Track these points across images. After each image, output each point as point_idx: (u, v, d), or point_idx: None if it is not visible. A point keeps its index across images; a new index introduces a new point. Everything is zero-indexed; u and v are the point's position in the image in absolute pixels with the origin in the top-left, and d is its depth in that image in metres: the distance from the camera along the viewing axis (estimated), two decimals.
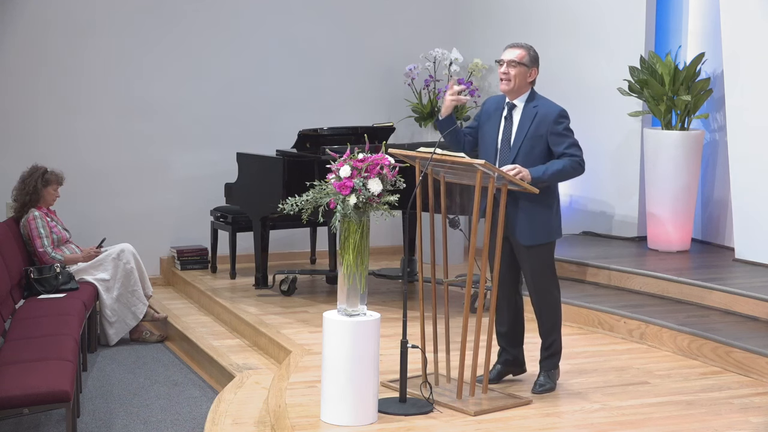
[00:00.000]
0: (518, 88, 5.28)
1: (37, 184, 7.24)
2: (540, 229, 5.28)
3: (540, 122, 5.23)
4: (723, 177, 7.93)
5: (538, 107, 5.26)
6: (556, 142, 5.21)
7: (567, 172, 5.20)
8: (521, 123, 5.27)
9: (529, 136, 5.23)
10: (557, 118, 5.22)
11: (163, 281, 8.85)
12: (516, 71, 5.25)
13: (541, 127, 5.22)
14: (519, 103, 5.31)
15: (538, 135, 5.23)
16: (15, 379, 4.96)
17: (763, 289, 6.55)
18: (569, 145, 5.21)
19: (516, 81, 5.26)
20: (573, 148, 5.21)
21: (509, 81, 5.27)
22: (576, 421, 5.04)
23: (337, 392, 4.90)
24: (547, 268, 5.38)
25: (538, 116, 5.23)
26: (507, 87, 5.29)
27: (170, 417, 5.89)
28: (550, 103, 5.30)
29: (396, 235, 9.18)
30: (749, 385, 5.65)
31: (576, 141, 5.25)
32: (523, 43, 5.33)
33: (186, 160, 8.89)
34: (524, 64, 5.25)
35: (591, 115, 8.29)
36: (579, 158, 5.22)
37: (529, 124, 5.24)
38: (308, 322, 6.95)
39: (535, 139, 5.23)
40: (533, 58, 5.28)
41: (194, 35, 8.83)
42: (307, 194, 4.96)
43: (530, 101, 5.30)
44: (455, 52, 9.06)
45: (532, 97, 5.31)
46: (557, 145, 5.21)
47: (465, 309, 5.14)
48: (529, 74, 5.27)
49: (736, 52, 7.41)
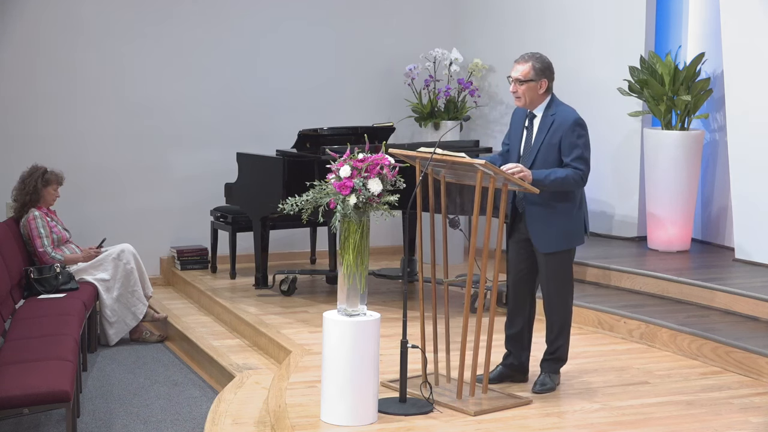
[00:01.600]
0: (531, 101, 5.29)
1: (37, 184, 7.24)
2: (557, 236, 5.27)
3: (556, 130, 5.23)
4: (723, 177, 7.93)
5: (555, 115, 5.26)
6: (566, 150, 5.21)
7: (568, 182, 5.17)
8: (539, 131, 5.28)
9: (546, 144, 5.24)
10: (572, 127, 5.21)
11: (163, 281, 8.85)
12: (524, 88, 5.26)
13: (556, 135, 5.22)
14: (538, 112, 5.32)
15: (552, 143, 5.23)
16: (15, 379, 4.96)
17: (763, 289, 6.56)
18: (576, 158, 5.19)
19: (526, 97, 5.27)
20: (578, 161, 5.19)
21: (519, 98, 5.30)
22: (576, 421, 5.04)
23: (337, 392, 4.90)
24: (564, 276, 5.36)
25: (555, 124, 5.24)
26: (520, 103, 5.33)
27: (170, 417, 5.89)
28: (567, 111, 5.27)
29: (396, 235, 9.18)
30: (749, 385, 5.65)
31: (585, 155, 5.21)
32: (529, 55, 5.30)
33: (186, 160, 8.89)
34: (530, 80, 5.24)
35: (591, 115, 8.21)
36: (582, 173, 5.19)
37: (546, 131, 5.25)
38: (308, 322, 6.95)
39: (550, 147, 5.23)
40: (540, 69, 5.25)
41: (194, 35, 8.83)
42: (307, 194, 4.96)
43: (548, 109, 5.30)
44: (455, 52, 9.06)
45: (551, 105, 5.31)
46: (566, 155, 5.20)
47: (465, 309, 5.14)
48: (539, 86, 5.26)
49: (736, 52, 7.41)
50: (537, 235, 5.27)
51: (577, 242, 5.36)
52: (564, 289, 5.37)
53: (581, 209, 5.35)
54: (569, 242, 5.32)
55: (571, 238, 5.32)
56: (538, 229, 5.26)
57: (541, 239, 5.27)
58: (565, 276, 5.37)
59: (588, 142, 5.25)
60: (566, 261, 5.36)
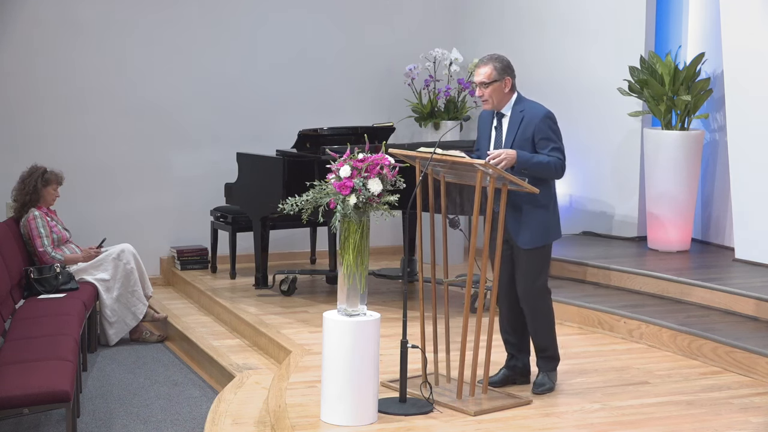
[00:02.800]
0: (498, 102, 5.30)
1: (37, 184, 7.24)
2: (538, 231, 5.26)
3: (526, 125, 5.24)
4: (723, 177, 7.93)
5: (524, 111, 5.27)
6: (540, 144, 5.22)
7: (550, 168, 5.18)
8: (509, 129, 5.29)
9: (518, 140, 5.24)
10: (542, 120, 5.22)
11: (163, 281, 8.85)
12: (489, 90, 5.26)
13: (528, 130, 5.23)
14: (506, 111, 5.32)
15: (525, 138, 5.23)
16: (15, 379, 4.96)
17: (763, 289, 6.56)
18: (552, 149, 5.21)
19: (493, 98, 5.28)
20: (556, 152, 5.21)
21: (487, 101, 5.30)
22: (576, 421, 5.04)
23: (337, 392, 4.90)
24: (542, 273, 5.34)
25: (525, 120, 5.25)
26: (488, 106, 5.33)
27: (170, 417, 5.89)
28: (536, 106, 5.29)
29: (396, 235, 9.18)
30: (749, 385, 5.65)
31: (560, 146, 5.25)
32: (488, 57, 5.30)
33: (186, 160, 8.89)
34: (494, 80, 5.25)
35: (591, 115, 8.29)
36: (562, 162, 5.22)
37: (516, 128, 5.26)
38: (308, 322, 6.95)
39: (523, 143, 5.23)
40: (501, 69, 5.25)
41: (194, 35, 8.83)
42: (307, 194, 4.96)
43: (517, 106, 5.30)
44: (455, 52, 9.06)
45: (519, 102, 5.32)
46: (542, 147, 5.21)
47: (465, 309, 5.14)
48: (503, 86, 5.27)
49: (736, 52, 7.41)
50: (517, 232, 5.24)
51: (556, 236, 5.35)
52: (542, 286, 5.34)
53: (556, 204, 5.36)
54: (549, 237, 5.32)
55: (550, 233, 5.32)
56: (518, 226, 5.24)
57: (523, 235, 5.25)
58: (543, 273, 5.35)
59: (560, 133, 5.27)
60: (546, 256, 5.36)
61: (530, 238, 5.26)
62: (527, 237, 5.25)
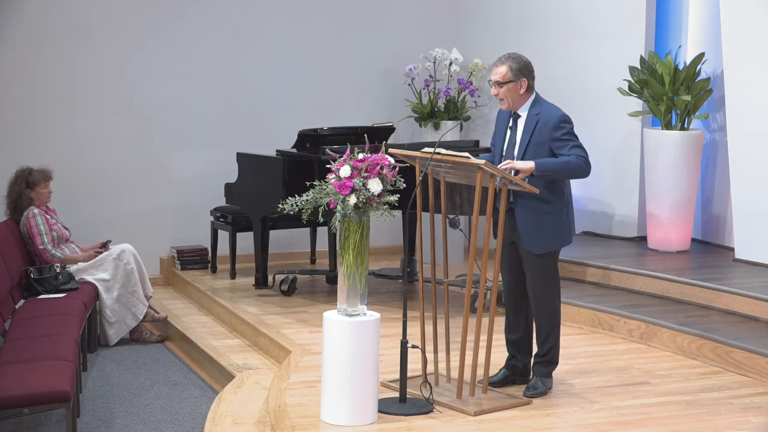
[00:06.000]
0: (514, 102, 5.27)
1: (22, 191, 7.20)
2: (548, 237, 5.24)
3: (541, 129, 5.20)
4: (723, 177, 7.93)
5: (540, 114, 5.24)
6: (558, 147, 5.18)
7: (573, 167, 5.13)
8: (524, 131, 5.26)
9: (532, 144, 5.21)
10: (557, 124, 5.19)
11: (163, 281, 8.85)
12: (504, 90, 5.25)
13: (543, 134, 5.20)
14: (522, 112, 5.29)
15: (540, 142, 5.20)
16: (15, 379, 4.96)
17: (763, 289, 6.56)
18: (572, 147, 5.17)
19: (509, 98, 5.26)
20: (577, 149, 5.17)
21: (503, 101, 5.29)
22: (576, 421, 5.04)
23: (337, 392, 4.90)
24: (552, 276, 5.34)
25: (540, 123, 5.21)
26: (505, 106, 5.31)
27: (170, 417, 5.89)
28: (552, 109, 5.26)
29: (396, 235, 9.18)
30: (749, 385, 5.65)
31: (580, 144, 5.21)
32: (505, 57, 5.29)
33: (186, 160, 8.89)
34: (509, 81, 5.23)
35: (591, 115, 8.29)
36: (585, 158, 5.18)
37: (531, 131, 5.22)
38: (308, 322, 6.95)
39: (537, 146, 5.20)
40: (517, 69, 5.23)
41: (194, 35, 8.83)
42: (307, 194, 4.96)
43: (533, 108, 5.27)
44: (455, 52, 9.06)
45: (536, 104, 5.28)
46: (560, 149, 5.17)
47: (465, 309, 5.14)
48: (519, 86, 5.24)
49: (736, 52, 7.41)
50: (528, 237, 5.23)
51: (566, 242, 5.34)
52: (552, 289, 5.34)
53: (570, 209, 5.33)
54: (559, 242, 5.31)
55: (561, 239, 5.30)
56: (529, 231, 5.22)
57: (533, 241, 5.23)
58: (553, 276, 5.35)
59: (575, 134, 5.24)
60: (554, 261, 5.36)
61: (542, 243, 5.23)
62: (540, 242, 5.23)
